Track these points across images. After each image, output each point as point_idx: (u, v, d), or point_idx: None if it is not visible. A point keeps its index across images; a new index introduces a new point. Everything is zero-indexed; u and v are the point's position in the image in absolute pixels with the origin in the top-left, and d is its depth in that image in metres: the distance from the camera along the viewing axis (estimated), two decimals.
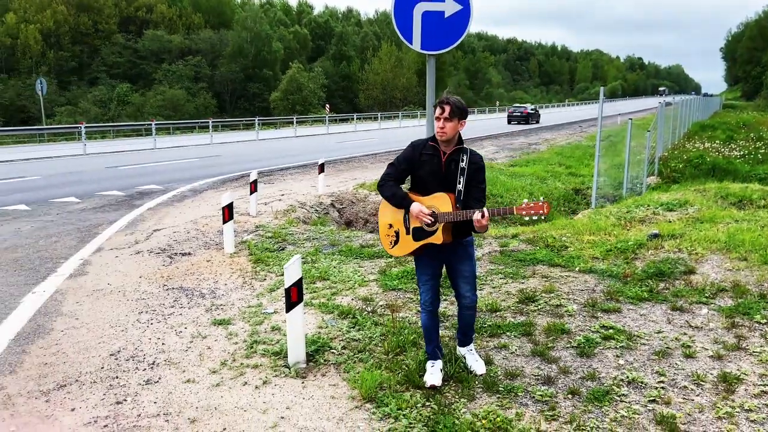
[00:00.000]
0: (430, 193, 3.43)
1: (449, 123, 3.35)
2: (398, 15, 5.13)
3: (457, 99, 3.41)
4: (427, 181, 3.45)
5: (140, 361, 4.01)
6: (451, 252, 3.55)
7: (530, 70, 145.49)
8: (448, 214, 3.33)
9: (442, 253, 3.54)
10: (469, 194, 3.40)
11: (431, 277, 3.60)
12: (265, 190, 11.88)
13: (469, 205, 3.37)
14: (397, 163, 3.55)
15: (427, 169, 3.45)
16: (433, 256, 3.55)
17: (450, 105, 3.34)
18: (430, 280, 3.60)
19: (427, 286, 3.60)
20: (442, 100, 3.38)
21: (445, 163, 3.42)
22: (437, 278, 3.64)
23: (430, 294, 3.61)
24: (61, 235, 7.91)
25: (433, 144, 3.47)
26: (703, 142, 23.50)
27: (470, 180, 3.41)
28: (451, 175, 3.41)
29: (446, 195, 3.37)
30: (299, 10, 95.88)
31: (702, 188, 9.73)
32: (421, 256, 3.58)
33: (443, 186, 3.40)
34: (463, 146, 3.48)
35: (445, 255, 3.57)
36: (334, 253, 6.82)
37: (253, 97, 65.38)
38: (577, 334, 4.13)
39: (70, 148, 23.13)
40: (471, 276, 3.63)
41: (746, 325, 4.11)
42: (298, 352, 3.88)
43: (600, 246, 6.16)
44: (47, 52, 58.38)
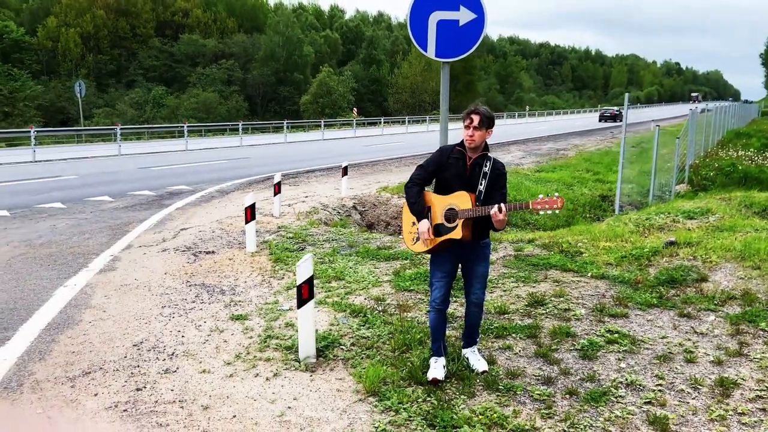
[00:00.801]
0: (452, 192, 3.60)
1: (478, 132, 3.53)
2: (414, 23, 5.28)
3: (486, 109, 3.59)
4: (451, 183, 3.63)
5: (161, 351, 4.24)
6: (469, 251, 3.70)
7: (563, 74, 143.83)
8: (468, 210, 3.50)
9: (461, 251, 3.68)
10: (489, 196, 3.57)
11: (446, 275, 3.74)
12: (290, 192, 12.14)
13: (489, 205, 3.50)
14: (426, 165, 3.74)
15: (453, 171, 3.63)
16: (452, 252, 3.69)
17: (480, 115, 3.53)
18: (444, 278, 3.74)
19: (441, 283, 3.74)
20: (473, 110, 3.57)
21: (470, 167, 3.60)
22: (451, 277, 3.78)
23: (442, 292, 3.74)
24: (93, 232, 8.26)
25: (460, 149, 3.65)
26: (737, 150, 22.99)
27: (492, 184, 3.58)
28: (474, 177, 3.59)
29: (466, 193, 3.54)
30: (331, 14, 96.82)
31: (728, 197, 9.61)
32: (439, 254, 3.72)
33: (466, 187, 3.58)
34: (487, 153, 3.65)
35: (463, 254, 3.72)
36: (351, 254, 6.99)
37: (283, 100, 66.24)
38: (581, 338, 4.21)
39: (105, 149, 23.89)
40: (483, 276, 3.79)
41: (750, 333, 4.13)
42: (308, 347, 4.05)
43: (615, 252, 6.19)
44: (86, 56, 60.20)
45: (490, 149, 3.69)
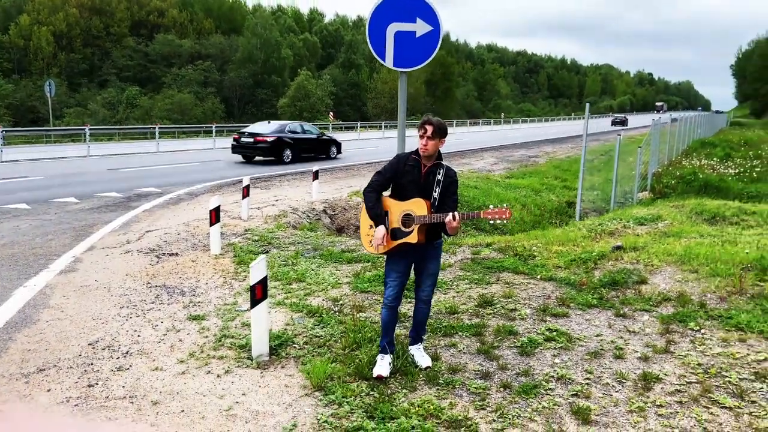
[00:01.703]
0: (408, 198, 3.83)
1: (431, 141, 3.77)
2: (372, 34, 5.47)
3: (438, 120, 3.84)
4: (407, 189, 3.86)
5: (115, 350, 4.34)
6: (423, 252, 3.93)
7: (539, 82, 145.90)
8: (423, 217, 3.73)
9: (415, 252, 3.90)
10: (443, 202, 3.82)
11: (400, 274, 3.95)
12: (261, 195, 12.23)
13: (443, 211, 3.78)
14: (384, 172, 3.95)
15: (409, 178, 3.85)
16: (407, 254, 3.92)
17: (433, 126, 3.77)
18: (398, 278, 3.95)
19: (395, 282, 3.95)
20: (426, 121, 3.81)
21: (424, 174, 3.82)
22: (405, 276, 4.00)
23: (396, 291, 3.94)
24: (57, 233, 8.27)
25: (415, 157, 3.87)
26: (700, 159, 23.69)
27: (445, 191, 3.83)
28: (428, 184, 3.82)
29: (422, 201, 3.78)
30: (310, 17, 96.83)
31: (681, 204, 10.00)
32: (395, 255, 3.94)
33: (421, 193, 3.81)
34: (441, 161, 3.88)
35: (417, 255, 3.94)
36: (315, 257, 7.14)
37: (261, 102, 66.02)
38: (523, 336, 4.43)
39: (75, 150, 23.62)
40: (434, 274, 4.04)
41: (679, 332, 4.39)
42: (261, 345, 4.20)
43: (565, 256, 6.45)
44: (59, 54, 59.33)
45: (443, 157, 3.92)
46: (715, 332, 4.35)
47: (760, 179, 19.12)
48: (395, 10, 5.38)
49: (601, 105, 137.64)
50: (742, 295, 5.00)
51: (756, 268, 5.47)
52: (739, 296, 4.99)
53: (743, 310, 4.69)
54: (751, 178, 19.12)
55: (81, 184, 13.51)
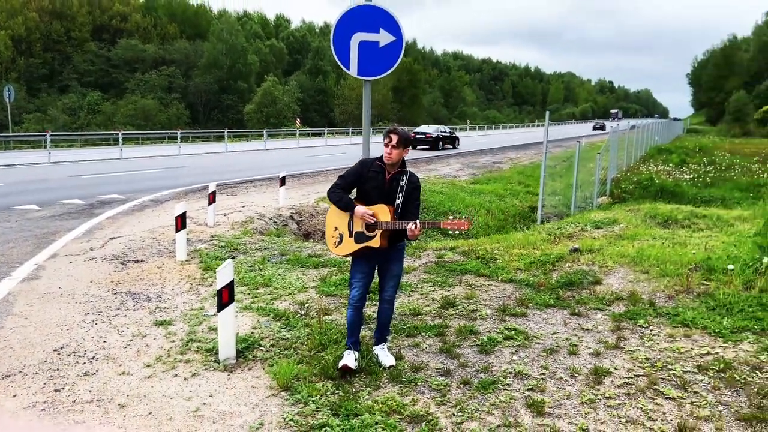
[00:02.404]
0: (372, 204, 3.96)
1: (396, 150, 3.92)
2: (337, 43, 5.62)
3: (403, 130, 4.01)
4: (371, 194, 3.99)
5: (81, 356, 4.35)
6: (385, 255, 4.08)
7: (504, 90, 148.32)
8: (386, 223, 3.87)
9: (378, 255, 4.05)
10: (406, 208, 3.98)
11: (364, 275, 4.09)
12: (227, 201, 12.21)
13: (405, 217, 3.95)
14: (347, 176, 4.08)
15: (373, 184, 3.99)
16: (370, 257, 4.06)
17: (398, 135, 3.92)
18: (363, 279, 4.09)
19: (360, 283, 4.08)
20: (392, 130, 3.97)
21: (388, 181, 3.97)
22: (369, 278, 4.14)
23: (361, 291, 4.08)
24: (18, 241, 8.14)
25: (380, 164, 4.01)
26: (657, 165, 24.50)
27: (408, 197, 3.99)
28: (392, 191, 3.96)
29: (386, 207, 3.92)
30: (277, 23, 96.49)
31: (636, 208, 10.40)
32: (359, 258, 4.08)
33: (384, 199, 3.95)
34: (405, 168, 4.03)
35: (380, 257, 4.09)
36: (282, 262, 7.21)
37: (227, 108, 65.44)
38: (483, 335, 4.61)
39: (35, 156, 23.08)
40: (397, 276, 4.20)
41: (629, 328, 4.64)
42: (228, 348, 4.27)
43: (525, 258, 6.68)
44: (17, 59, 57.74)
45: (406, 164, 4.08)
46: (663, 329, 4.60)
47: (713, 184, 19.89)
48: (359, 21, 5.53)
49: (563, 112, 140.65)
50: (689, 294, 5.29)
51: (702, 268, 5.78)
52: (686, 295, 5.28)
53: (689, 307, 4.96)
54: (705, 183, 19.87)
55: (42, 191, 13.25)
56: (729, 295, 5.02)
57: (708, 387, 3.69)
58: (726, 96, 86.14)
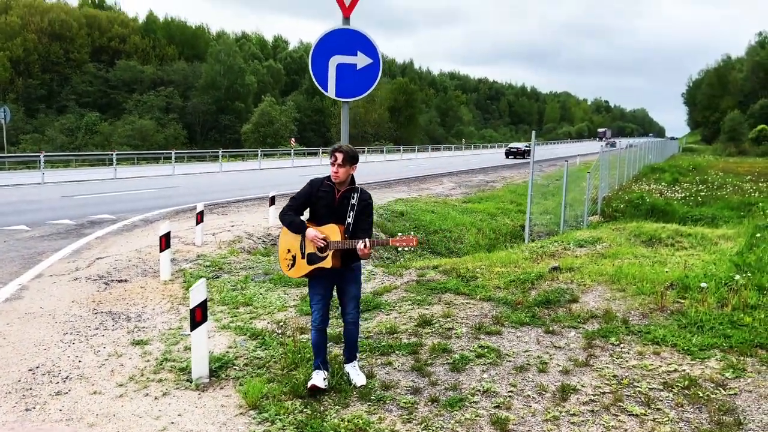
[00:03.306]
0: (324, 223, 3.99)
1: (342, 168, 3.95)
2: (315, 65, 5.72)
3: (349, 147, 4.03)
4: (322, 214, 4.02)
5: (55, 375, 4.37)
6: (340, 276, 4.10)
7: (500, 109, 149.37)
8: (337, 243, 3.89)
9: (333, 276, 4.07)
10: (357, 227, 4.00)
11: (322, 297, 4.11)
12: (217, 221, 12.26)
13: (357, 235, 3.96)
14: (297, 197, 4.11)
15: (323, 203, 4.02)
16: (325, 278, 4.08)
17: (343, 153, 3.95)
18: (321, 301, 4.11)
19: (319, 306, 4.10)
20: (336, 148, 4.00)
21: (338, 200, 3.99)
22: (327, 299, 4.15)
23: (321, 313, 4.10)
24: (4, 261, 8.18)
25: (329, 183, 4.04)
26: (649, 183, 24.65)
27: (359, 214, 4.01)
28: (342, 209, 3.99)
29: (336, 226, 3.94)
30: (274, 44, 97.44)
31: (621, 227, 10.47)
32: (314, 279, 4.09)
33: (335, 218, 3.98)
34: (354, 186, 4.06)
35: (335, 278, 4.10)
36: (265, 281, 7.25)
37: (224, 128, 65.80)
38: (456, 353, 4.64)
39: (29, 177, 23.17)
40: (356, 296, 4.20)
41: (600, 346, 4.67)
42: (201, 368, 4.30)
43: (505, 277, 6.73)
44: (16, 80, 58.17)
45: (356, 182, 4.13)
46: (633, 346, 4.64)
47: (705, 203, 20.00)
48: (337, 44, 5.64)
49: (560, 131, 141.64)
50: (663, 312, 5.33)
51: (678, 286, 5.83)
52: (660, 312, 5.32)
53: (661, 325, 5.01)
54: (696, 202, 19.99)
55: (33, 211, 13.30)
56: (701, 313, 5.06)
57: (671, 404, 3.72)
58: (721, 115, 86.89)
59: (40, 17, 62.95)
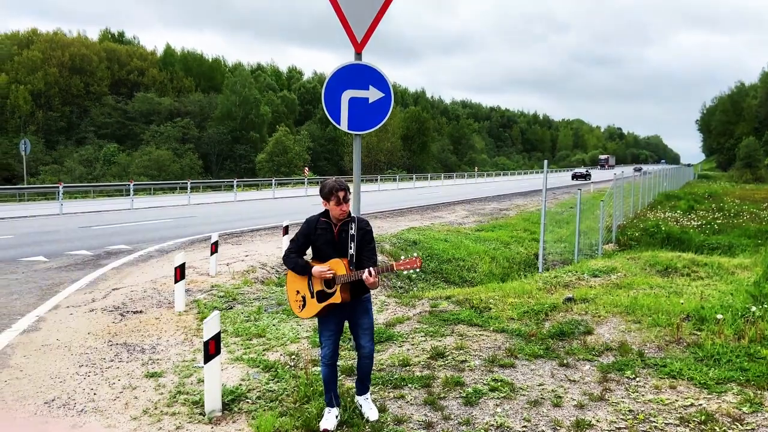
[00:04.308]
0: (327, 259, 4.03)
1: (348, 204, 4.03)
2: (328, 100, 5.84)
3: (343, 181, 4.07)
4: (324, 250, 4.06)
5: (70, 408, 4.41)
6: (351, 309, 4.12)
7: (513, 137, 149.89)
8: (343, 276, 3.93)
9: (344, 310, 4.09)
10: (360, 256, 4.02)
11: (333, 333, 4.12)
12: (231, 250, 12.35)
13: (362, 264, 3.98)
14: (297, 238, 4.17)
15: (323, 240, 4.06)
16: (336, 314, 4.10)
17: (345, 191, 4.02)
18: (332, 336, 4.12)
19: (329, 341, 4.11)
20: (341, 186, 4.00)
21: (337, 233, 4.05)
22: (338, 335, 4.17)
23: (331, 349, 4.11)
24: (22, 293, 8.30)
25: (324, 219, 4.09)
26: (664, 211, 24.46)
27: (360, 243, 4.04)
28: (343, 242, 4.03)
29: (340, 260, 3.97)
30: (289, 75, 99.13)
31: (637, 256, 10.39)
32: (325, 316, 4.11)
33: (337, 252, 4.01)
34: (351, 216, 4.10)
35: (346, 312, 4.13)
36: (278, 312, 7.28)
37: (239, 158, 66.71)
38: (469, 386, 4.61)
39: (47, 208, 23.57)
40: (369, 328, 4.19)
41: (616, 380, 4.62)
42: (214, 401, 4.31)
43: (519, 308, 6.69)
44: (36, 112, 59.64)
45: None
46: (649, 380, 4.58)
47: (721, 231, 19.75)
48: (349, 79, 5.76)
49: (573, 159, 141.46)
50: (679, 344, 5.27)
51: (694, 318, 5.77)
52: (676, 345, 5.26)
53: (678, 358, 4.94)
54: (713, 230, 19.76)
55: (51, 242, 13.51)
56: (718, 345, 4.99)
57: None
58: (736, 142, 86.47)
59: (62, 51, 64.80)
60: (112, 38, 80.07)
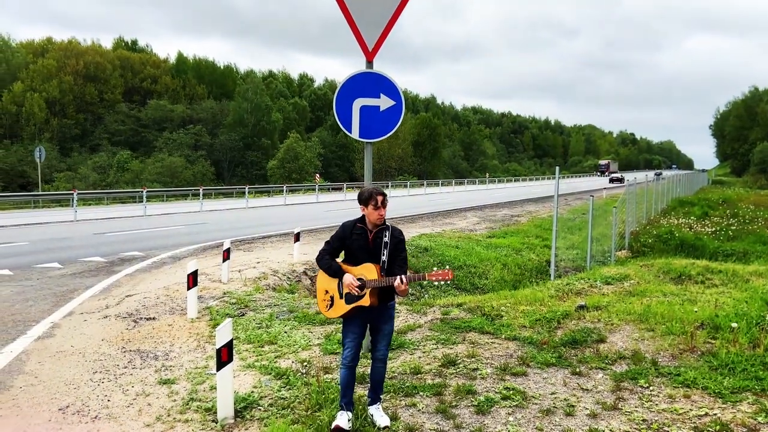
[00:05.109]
0: (359, 263, 4.10)
1: (384, 210, 4.13)
2: (339, 108, 5.87)
3: (381, 188, 4.22)
4: (357, 255, 4.15)
5: (84, 415, 4.45)
6: (377, 313, 4.18)
7: (524, 142, 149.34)
8: (374, 281, 4.00)
9: (370, 314, 4.16)
10: (392, 263, 4.12)
11: (357, 336, 4.19)
12: (243, 257, 12.42)
13: (393, 271, 4.08)
14: (332, 241, 4.27)
15: (357, 245, 4.15)
16: (361, 317, 4.17)
17: (383, 195, 4.14)
18: (355, 339, 4.19)
19: (353, 343, 4.17)
20: (377, 192, 4.13)
21: (372, 240, 4.12)
22: (361, 337, 4.25)
23: (353, 351, 4.16)
24: (37, 299, 8.39)
25: (360, 225, 4.19)
26: (678, 217, 24.24)
27: (393, 251, 4.14)
28: (376, 248, 4.11)
29: (372, 265, 4.05)
30: (300, 82, 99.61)
31: (650, 263, 10.30)
32: (350, 318, 4.18)
33: (370, 258, 4.10)
34: (385, 224, 4.16)
35: (371, 316, 4.19)
36: (289, 318, 7.30)
37: (250, 164, 67.06)
38: (480, 395, 4.59)
39: (62, 215, 23.81)
40: (389, 334, 4.29)
41: (629, 389, 4.58)
42: (226, 408, 4.33)
43: (531, 315, 6.66)
44: (51, 120, 60.33)
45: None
46: (663, 389, 4.54)
47: (736, 237, 19.55)
48: (361, 87, 5.79)
49: (585, 164, 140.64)
50: (693, 353, 5.22)
51: (708, 326, 5.71)
52: (690, 354, 5.21)
53: (692, 366, 4.90)
54: (727, 236, 19.55)
55: (65, 249, 13.66)
56: (732, 354, 4.94)
57: None
58: (750, 147, 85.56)
59: (76, 60, 65.59)
60: (126, 46, 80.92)
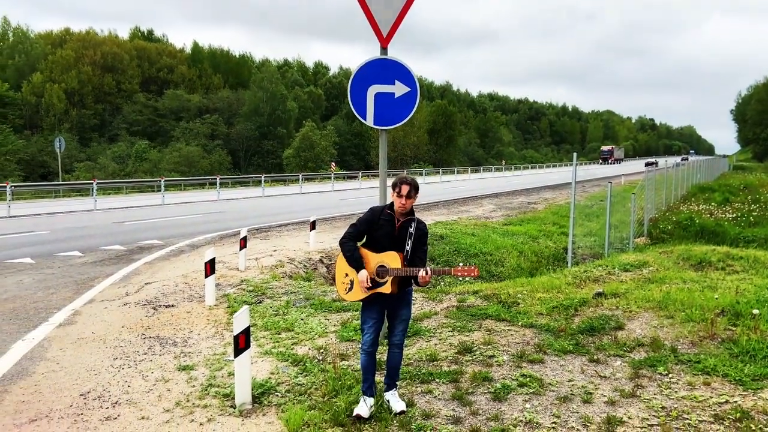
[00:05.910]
0: (382, 250, 4.10)
1: (409, 200, 4.10)
2: (354, 95, 5.84)
3: (413, 179, 4.19)
4: (381, 241, 4.15)
5: (105, 400, 4.52)
6: (396, 300, 4.19)
7: (541, 129, 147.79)
8: (397, 270, 4.00)
9: (388, 300, 4.17)
10: (415, 254, 4.11)
11: (376, 320, 4.21)
12: (260, 245, 12.50)
13: (414, 263, 4.09)
14: (359, 224, 4.25)
15: (383, 231, 4.14)
16: (380, 302, 4.19)
17: (409, 186, 4.10)
18: (375, 324, 4.20)
19: (372, 329, 4.19)
20: (403, 181, 4.11)
21: (398, 228, 4.12)
22: (381, 322, 4.26)
23: (372, 336, 4.18)
24: (58, 287, 8.53)
25: (389, 212, 4.18)
26: (698, 204, 23.87)
27: (416, 243, 4.13)
28: (402, 237, 4.11)
29: (396, 254, 4.06)
30: (315, 71, 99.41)
31: (669, 250, 10.17)
32: (370, 303, 4.19)
33: (394, 246, 4.10)
34: (413, 216, 4.17)
35: (389, 302, 4.20)
36: (306, 306, 7.34)
37: (266, 154, 67.31)
38: (497, 382, 4.59)
39: (82, 204, 24.14)
40: (406, 320, 4.31)
41: (648, 376, 4.54)
42: (244, 394, 4.37)
43: (548, 303, 6.62)
44: (70, 110, 61.02)
45: (415, 212, 4.21)
46: (683, 376, 4.49)
47: (758, 223, 19.21)
48: (375, 74, 5.75)
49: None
50: (713, 340, 5.15)
51: (729, 313, 5.63)
52: (710, 341, 5.14)
53: (712, 354, 4.83)
54: (749, 223, 19.22)
55: (86, 237, 13.85)
56: (753, 341, 4.87)
57: None
58: None
59: (94, 50, 66.15)
60: (142, 36, 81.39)
